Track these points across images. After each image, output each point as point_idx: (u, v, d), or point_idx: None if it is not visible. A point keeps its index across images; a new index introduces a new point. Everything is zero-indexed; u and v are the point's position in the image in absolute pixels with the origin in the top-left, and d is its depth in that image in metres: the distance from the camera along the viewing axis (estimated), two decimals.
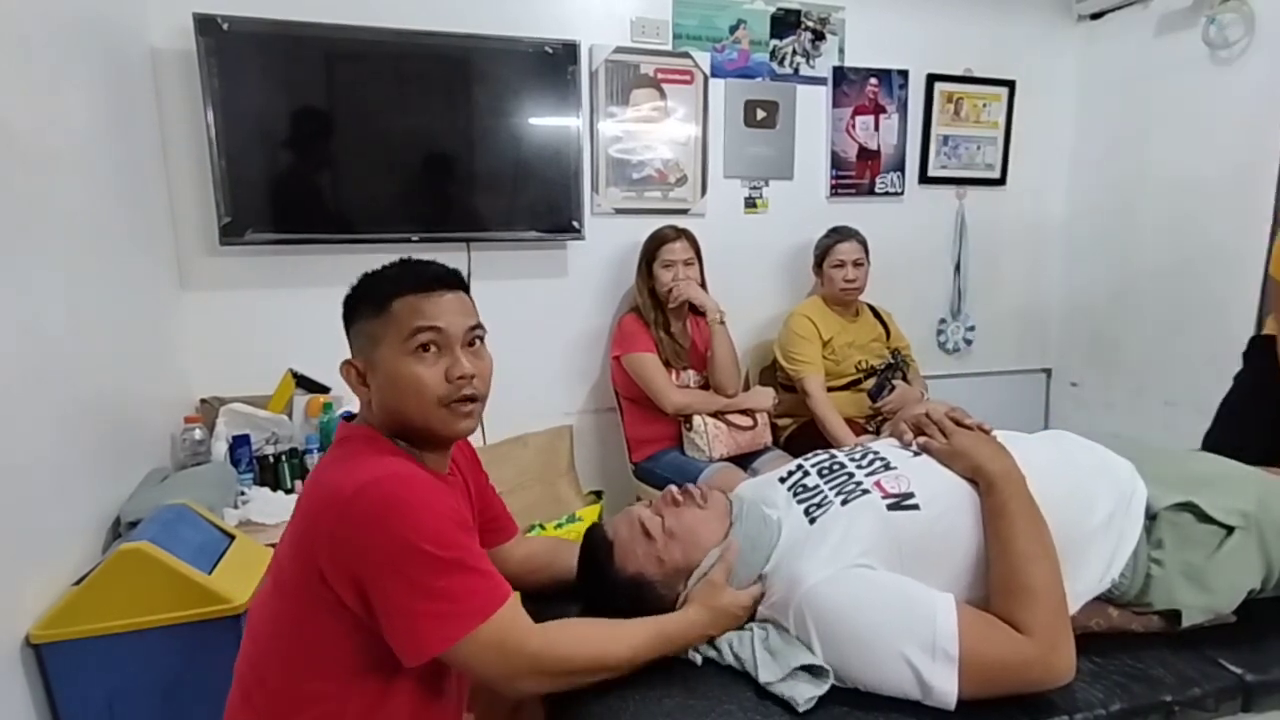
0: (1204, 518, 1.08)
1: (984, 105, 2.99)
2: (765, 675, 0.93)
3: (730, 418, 2.30)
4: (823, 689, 0.91)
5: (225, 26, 2.03)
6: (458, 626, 0.85)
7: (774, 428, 2.45)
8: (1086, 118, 3.07)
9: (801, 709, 0.89)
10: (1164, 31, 2.72)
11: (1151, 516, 1.09)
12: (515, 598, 0.91)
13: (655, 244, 2.36)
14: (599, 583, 1.10)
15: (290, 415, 2.16)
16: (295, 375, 2.18)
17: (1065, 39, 3.05)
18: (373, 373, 0.98)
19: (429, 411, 0.97)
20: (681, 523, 1.08)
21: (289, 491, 1.99)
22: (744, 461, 2.30)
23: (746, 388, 2.49)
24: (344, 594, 0.87)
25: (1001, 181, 3.07)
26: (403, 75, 2.25)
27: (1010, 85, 2.99)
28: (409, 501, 0.87)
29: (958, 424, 1.14)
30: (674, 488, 1.14)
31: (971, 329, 3.14)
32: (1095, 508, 1.06)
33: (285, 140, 2.17)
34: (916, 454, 1.14)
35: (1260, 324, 2.29)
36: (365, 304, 0.99)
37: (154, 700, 1.39)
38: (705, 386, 2.40)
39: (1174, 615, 1.06)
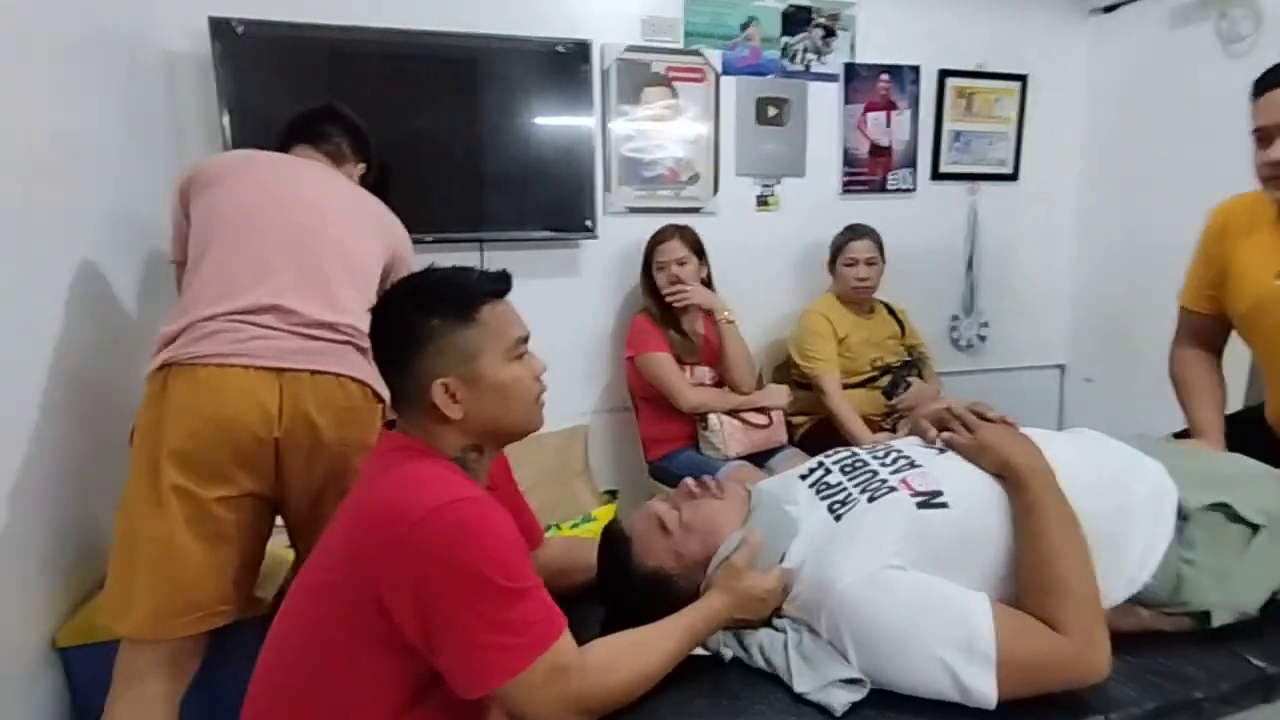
0: (1234, 517, 1.07)
1: (996, 100, 2.97)
2: (801, 685, 0.92)
3: (745, 416, 2.30)
4: (859, 695, 0.90)
5: (239, 30, 2.03)
6: (519, 658, 0.83)
7: (789, 425, 2.45)
8: (1099, 111, 3.05)
9: (838, 714, 0.89)
10: (1176, 25, 2.70)
11: (1183, 517, 1.07)
12: (567, 629, 0.89)
13: (650, 245, 2.36)
14: (619, 580, 1.09)
15: None
16: None
17: (1077, 33, 3.03)
18: (472, 386, 0.96)
19: (531, 411, 1.02)
20: (699, 515, 1.07)
21: None
22: (759, 460, 2.30)
23: (760, 386, 2.48)
24: (403, 620, 0.84)
25: (1014, 177, 3.06)
26: (416, 77, 2.26)
27: (1022, 80, 2.98)
28: (480, 528, 0.85)
29: (981, 418, 1.12)
30: (690, 480, 1.13)
31: (984, 325, 3.13)
32: (1127, 505, 1.05)
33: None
34: (941, 451, 1.12)
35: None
36: (448, 317, 0.96)
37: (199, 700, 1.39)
38: (719, 384, 2.39)
39: (1203, 615, 1.05)
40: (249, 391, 1.23)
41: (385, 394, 1.33)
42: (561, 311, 2.54)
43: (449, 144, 2.31)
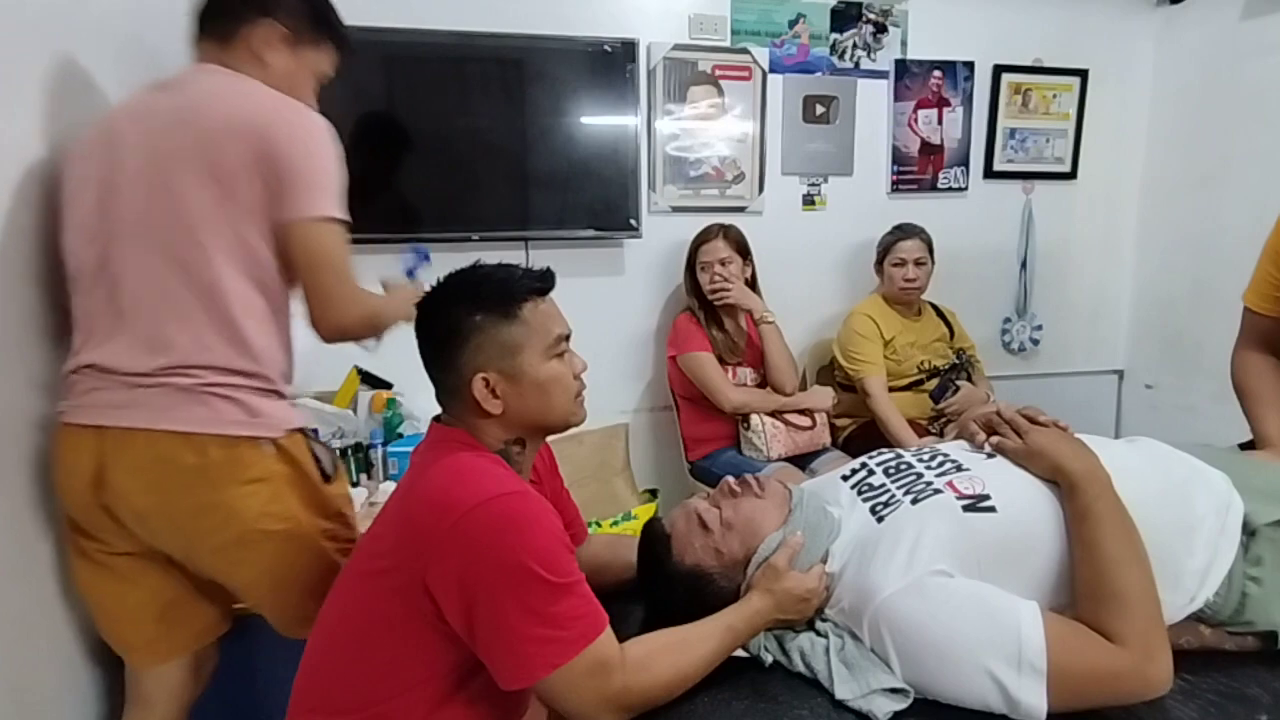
0: None
1: (1054, 96, 2.88)
2: (842, 692, 0.90)
3: (788, 417, 2.28)
4: (903, 704, 0.88)
5: None
6: (562, 652, 0.84)
7: (833, 428, 2.42)
8: (1164, 107, 2.94)
9: None
10: (1249, 16, 2.58)
11: (1250, 532, 1.02)
12: (609, 626, 0.90)
13: (695, 245, 2.36)
14: (658, 577, 1.08)
15: (355, 410, 2.22)
16: (360, 372, 2.24)
17: (1143, 24, 2.92)
18: (512, 381, 0.98)
19: (569, 408, 1.03)
20: (739, 513, 1.06)
21: (354, 484, 2.05)
22: (802, 462, 2.27)
23: (804, 387, 2.45)
24: (448, 610, 0.86)
25: (1072, 175, 2.96)
26: (465, 77, 2.29)
27: (1082, 75, 2.88)
28: (527, 522, 0.86)
29: (1032, 421, 1.08)
30: (731, 478, 1.12)
31: (1038, 328, 3.04)
32: (1189, 517, 1.01)
33: (349, 143, 2.20)
34: (989, 456, 1.09)
35: None
36: (491, 313, 0.97)
37: (233, 686, 1.43)
38: (762, 384, 2.38)
39: (1269, 635, 1.00)
40: (67, 453, 1.12)
41: (248, 432, 1.12)
42: (605, 310, 2.55)
43: (496, 143, 2.34)
